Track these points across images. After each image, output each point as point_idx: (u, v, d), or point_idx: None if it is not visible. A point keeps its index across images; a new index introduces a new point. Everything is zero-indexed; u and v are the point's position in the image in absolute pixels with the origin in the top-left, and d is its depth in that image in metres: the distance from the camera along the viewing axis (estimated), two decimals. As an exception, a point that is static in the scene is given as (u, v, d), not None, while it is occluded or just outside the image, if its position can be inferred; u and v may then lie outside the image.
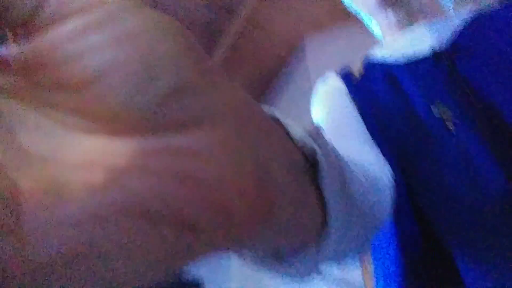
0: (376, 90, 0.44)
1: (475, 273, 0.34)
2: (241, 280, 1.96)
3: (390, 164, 0.35)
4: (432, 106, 0.39)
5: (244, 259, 0.20)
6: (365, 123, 0.41)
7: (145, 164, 0.11)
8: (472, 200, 0.35)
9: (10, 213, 0.09)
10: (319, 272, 0.21)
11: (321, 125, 0.41)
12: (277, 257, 0.20)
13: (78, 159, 0.10)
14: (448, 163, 0.37)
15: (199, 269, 1.97)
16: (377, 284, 0.42)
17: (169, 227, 0.10)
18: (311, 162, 0.19)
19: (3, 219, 0.09)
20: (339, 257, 0.24)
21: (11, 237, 0.09)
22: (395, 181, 0.34)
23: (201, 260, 0.12)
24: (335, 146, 0.23)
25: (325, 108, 0.45)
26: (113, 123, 0.11)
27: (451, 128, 0.37)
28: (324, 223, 0.19)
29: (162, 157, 0.11)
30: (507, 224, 0.33)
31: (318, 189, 0.19)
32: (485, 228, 0.34)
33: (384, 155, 0.37)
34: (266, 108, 0.18)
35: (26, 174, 0.10)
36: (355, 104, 0.44)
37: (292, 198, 0.16)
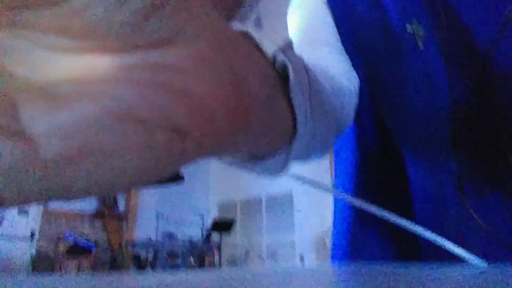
0: (355, 0, 0.46)
1: (420, 173, 0.40)
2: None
3: (358, 73, 0.39)
4: (407, 24, 0.41)
5: (223, 162, 0.23)
6: (339, 32, 0.43)
7: (130, 77, 0.11)
8: (426, 111, 0.40)
9: (11, 117, 0.10)
10: (287, 170, 0.25)
11: (296, 32, 0.44)
12: (253, 159, 0.23)
13: (63, 76, 0.11)
14: (412, 77, 0.40)
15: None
16: (335, 171, 0.48)
17: (161, 133, 0.11)
18: (281, 75, 0.21)
19: (5, 124, 0.10)
20: (306, 157, 0.28)
21: (19, 140, 0.10)
22: (360, 90, 0.38)
23: (189, 164, 0.13)
24: (307, 54, 0.26)
25: (301, 14, 0.46)
26: (92, 40, 0.11)
27: (420, 46, 0.40)
28: (294, 129, 0.22)
29: (145, 71, 0.12)
30: (446, 130, 0.38)
31: (289, 99, 0.21)
32: (432, 134, 0.39)
33: (353, 64, 0.40)
34: (238, 26, 0.21)
35: (15, 88, 0.10)
36: (331, 12, 0.45)
37: (266, 107, 0.18)
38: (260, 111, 0.18)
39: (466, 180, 0.37)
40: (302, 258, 4.59)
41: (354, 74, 0.39)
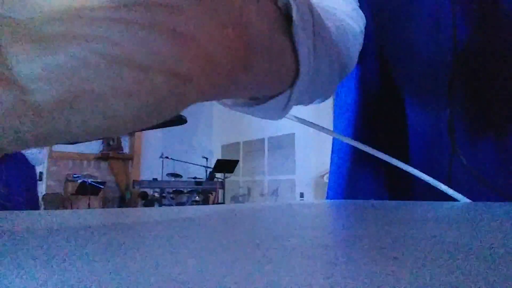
0: None
1: (417, 116, 0.40)
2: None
3: (364, 12, 0.38)
4: None
5: (224, 105, 0.23)
6: None
7: (124, 16, 0.10)
8: (428, 51, 0.39)
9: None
10: (288, 112, 0.24)
11: None
12: (254, 101, 0.23)
13: (52, 12, 0.10)
14: (418, 15, 0.40)
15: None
16: (334, 113, 0.49)
17: (161, 77, 0.11)
18: (285, 15, 0.20)
19: None
20: (309, 100, 0.27)
21: (9, 85, 0.09)
22: (365, 29, 0.37)
23: (189, 106, 0.13)
24: None
25: None
26: None
27: None
28: (296, 69, 0.21)
29: (140, 11, 0.11)
30: (445, 73, 0.38)
31: (292, 39, 0.20)
32: (431, 77, 0.39)
33: (360, 2, 0.38)
34: None
35: (4, 31, 0.10)
36: None
37: (268, 47, 0.18)
38: (261, 50, 0.17)
39: (458, 127, 0.37)
40: (302, 195, 4.78)
41: (360, 12, 0.37)
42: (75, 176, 5.21)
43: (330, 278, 0.08)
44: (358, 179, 0.45)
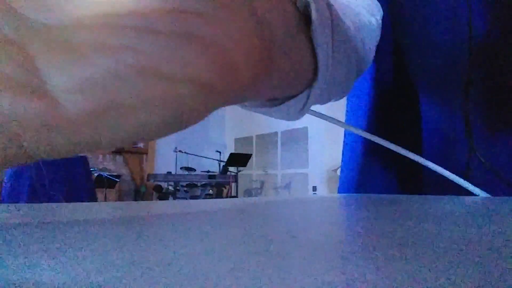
0: None
1: (432, 111, 0.40)
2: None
3: (381, 4, 0.37)
4: None
5: (244, 106, 0.23)
6: None
7: (153, 25, 0.10)
8: (445, 45, 0.38)
9: (30, 73, 0.10)
10: (305, 112, 0.24)
11: None
12: (272, 102, 0.23)
13: (81, 19, 0.10)
14: (435, 7, 0.39)
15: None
16: (347, 111, 0.48)
17: (185, 86, 0.11)
18: (304, 15, 0.20)
19: (25, 81, 0.10)
20: (326, 100, 0.27)
21: (42, 98, 0.10)
22: (383, 23, 0.36)
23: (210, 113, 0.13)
24: None
25: None
26: None
27: None
28: (315, 70, 0.21)
29: (168, 18, 0.11)
30: (462, 68, 0.37)
31: (310, 39, 0.20)
32: (448, 71, 0.38)
33: None
34: None
35: (35, 40, 0.10)
36: None
37: (288, 50, 0.18)
38: (282, 54, 0.17)
39: (475, 125, 0.36)
40: (314, 189, 4.77)
41: (377, 2, 0.37)
42: (91, 169, 5.32)
43: (345, 274, 0.08)
44: (370, 173, 0.45)
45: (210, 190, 5.09)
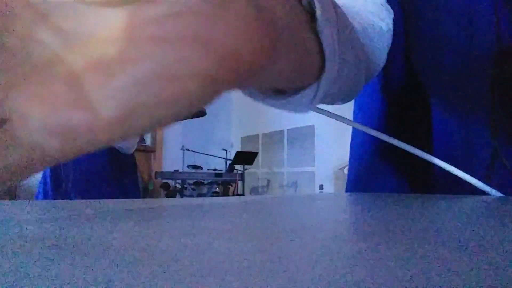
0: None
1: (447, 115, 0.39)
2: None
3: (393, 8, 0.37)
4: None
5: (249, 94, 0.23)
6: None
7: (162, 33, 0.12)
8: (465, 49, 0.37)
9: (77, 91, 0.12)
10: (314, 105, 0.25)
11: None
12: (278, 94, 0.23)
13: (106, 33, 0.12)
14: (450, 11, 0.38)
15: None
16: (355, 110, 0.48)
17: (192, 82, 0.13)
18: (310, 12, 0.21)
19: (73, 96, 0.11)
20: (335, 97, 0.27)
21: (86, 110, 0.12)
22: (394, 27, 0.36)
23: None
24: None
25: None
26: None
27: None
28: (322, 65, 0.22)
29: (172, 23, 0.12)
30: (485, 73, 0.36)
31: (316, 35, 0.21)
32: (469, 77, 0.37)
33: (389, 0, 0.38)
34: None
35: (76, 54, 0.12)
36: None
37: (293, 42, 0.18)
38: (287, 45, 0.17)
39: (501, 127, 0.36)
40: (321, 187, 4.75)
41: (388, 7, 0.36)
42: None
43: (351, 273, 0.08)
44: (378, 172, 0.45)
45: (217, 188, 5.10)
